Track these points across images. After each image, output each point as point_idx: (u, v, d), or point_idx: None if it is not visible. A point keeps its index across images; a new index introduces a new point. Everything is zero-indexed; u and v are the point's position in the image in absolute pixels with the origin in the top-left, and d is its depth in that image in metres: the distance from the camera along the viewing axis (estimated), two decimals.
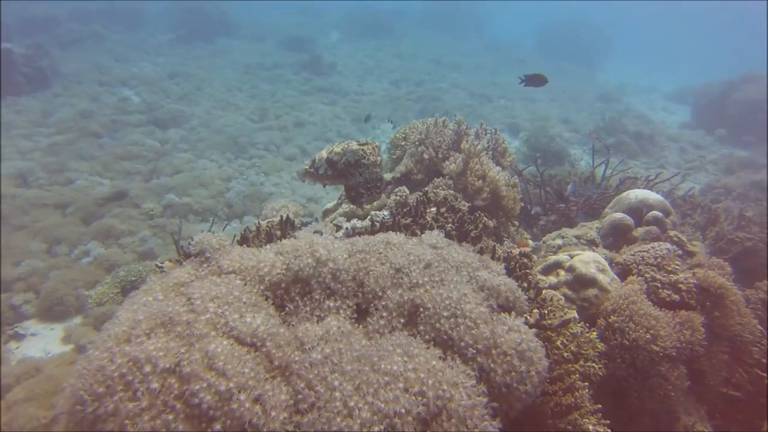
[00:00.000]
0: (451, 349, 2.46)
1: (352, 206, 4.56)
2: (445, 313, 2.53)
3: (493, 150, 4.72)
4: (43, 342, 6.05)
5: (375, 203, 4.42)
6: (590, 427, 2.91)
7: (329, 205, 4.93)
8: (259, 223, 3.88)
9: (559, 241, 4.88)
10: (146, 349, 2.19)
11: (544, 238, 5.11)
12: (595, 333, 3.38)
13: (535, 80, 5.70)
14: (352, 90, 18.48)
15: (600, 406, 3.00)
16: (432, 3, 40.08)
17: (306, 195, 9.69)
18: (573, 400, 3.02)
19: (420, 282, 2.68)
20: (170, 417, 2.02)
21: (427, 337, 2.48)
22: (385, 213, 4.23)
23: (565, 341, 3.25)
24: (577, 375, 3.14)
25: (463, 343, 2.44)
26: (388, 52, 26.36)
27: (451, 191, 3.99)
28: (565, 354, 3.20)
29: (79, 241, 7.62)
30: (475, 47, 32.15)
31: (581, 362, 3.25)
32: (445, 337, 2.48)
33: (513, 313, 2.76)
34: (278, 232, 3.70)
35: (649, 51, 43.11)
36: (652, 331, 3.34)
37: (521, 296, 2.87)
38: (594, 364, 3.27)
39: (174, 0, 24.91)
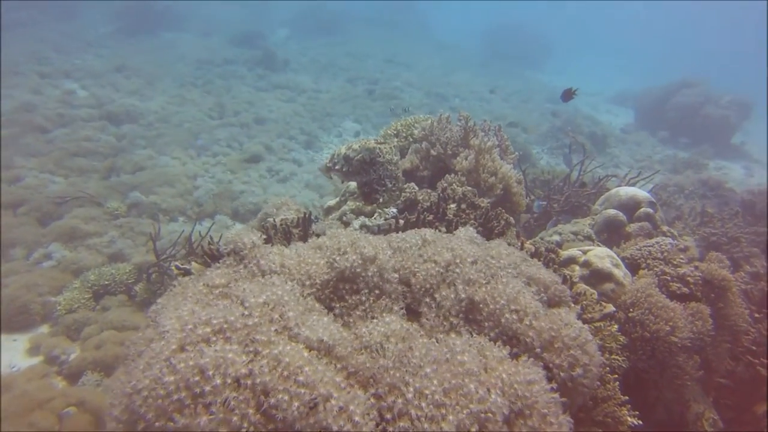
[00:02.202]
0: (517, 345, 2.44)
1: (357, 203, 4.47)
2: (506, 309, 2.50)
3: (498, 147, 4.75)
4: (5, 355, 5.51)
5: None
6: (627, 418, 2.98)
7: (331, 203, 4.80)
8: (274, 221, 3.73)
9: (556, 238, 4.96)
10: (211, 357, 2.02)
11: (541, 234, 5.20)
12: (615, 326, 3.46)
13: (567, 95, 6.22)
14: (309, 87, 18.22)
15: (627, 397, 3.08)
16: (380, 1, 40.31)
17: (278, 193, 9.44)
18: (606, 392, 3.08)
19: (474, 279, 2.64)
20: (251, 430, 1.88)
21: (491, 334, 2.45)
22: (393, 210, 4.17)
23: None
24: (606, 368, 3.21)
25: (528, 339, 2.43)
26: (340, 51, 26.16)
27: (469, 188, 3.97)
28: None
29: (37, 243, 7.07)
30: (425, 47, 32.46)
31: (606, 355, 3.32)
32: (510, 333, 2.45)
33: (563, 307, 2.78)
34: (296, 231, 3.57)
35: (588, 55, 44.95)
36: (671, 323, 3.45)
37: (566, 290, 2.89)
38: (618, 357, 3.35)
39: None
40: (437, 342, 2.36)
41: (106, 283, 6.20)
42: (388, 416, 1.99)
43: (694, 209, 7.97)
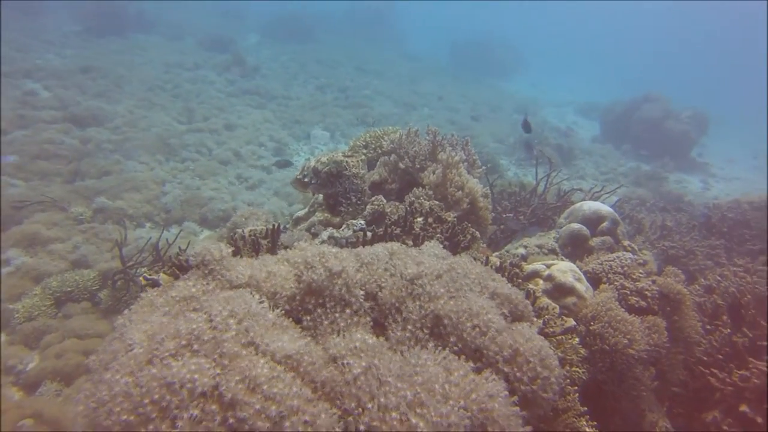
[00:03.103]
0: (480, 359, 2.51)
1: (326, 214, 4.51)
2: (468, 324, 2.57)
3: (466, 161, 4.85)
4: None
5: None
6: (586, 429, 3.08)
7: (300, 213, 4.83)
8: (243, 232, 3.73)
9: (521, 251, 5.08)
10: (178, 371, 2.03)
11: (507, 247, 5.32)
12: (576, 339, 3.57)
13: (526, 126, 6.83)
14: (279, 94, 18.14)
15: (586, 408, 3.19)
16: (351, 10, 40.57)
17: (246, 200, 9.37)
18: (566, 403, 3.18)
19: (439, 293, 2.70)
20: None
21: (455, 348, 2.51)
22: (361, 222, 4.22)
23: (552, 348, 3.41)
24: (567, 380, 3.32)
25: (491, 353, 2.50)
26: (310, 57, 26.16)
27: (436, 202, 4.05)
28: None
29: None
30: (394, 56, 32.79)
31: (567, 367, 3.42)
32: (472, 347, 2.52)
33: (525, 321, 2.86)
34: (265, 242, 3.59)
35: (556, 69, 46.06)
36: (629, 336, 3.58)
37: (529, 305, 2.98)
38: (578, 369, 3.46)
39: None
40: (403, 356, 2.41)
41: (69, 289, 6.07)
42: (353, 429, 2.03)
43: (655, 223, 8.26)
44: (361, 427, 2.03)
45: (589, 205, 5.53)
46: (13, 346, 5.53)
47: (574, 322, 3.45)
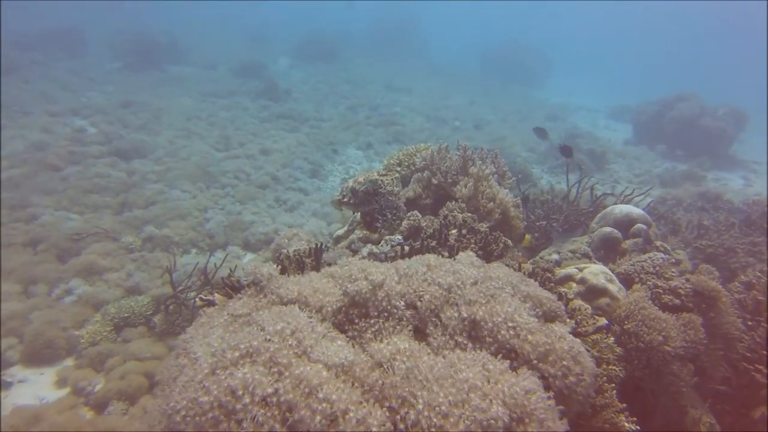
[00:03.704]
0: (515, 358, 2.67)
1: (365, 232, 4.73)
2: (503, 326, 2.74)
3: (496, 173, 5.02)
4: (33, 388, 5.76)
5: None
6: (625, 424, 3.19)
7: (340, 232, 5.07)
8: (288, 252, 3.99)
9: (555, 257, 5.18)
10: (241, 379, 2.27)
11: (541, 254, 5.43)
12: (611, 338, 3.68)
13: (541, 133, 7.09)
14: (311, 116, 18.65)
15: (625, 405, 3.29)
16: (376, 27, 41.27)
17: (286, 222, 9.73)
18: (604, 400, 3.29)
19: (474, 299, 2.87)
20: None
21: (492, 348, 2.68)
22: (399, 237, 4.44)
23: (588, 348, 3.53)
24: (604, 378, 3.42)
25: (525, 352, 2.66)
26: (340, 78, 26.78)
27: (469, 214, 4.23)
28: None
29: (58, 279, 7.35)
30: (422, 71, 33.21)
31: (604, 366, 3.53)
32: (507, 346, 2.68)
33: (557, 322, 3.01)
34: (309, 260, 3.83)
35: (584, 73, 45.69)
36: (663, 333, 3.66)
37: (561, 306, 3.12)
38: (615, 367, 3.56)
39: (119, 26, 24.57)
40: (444, 358, 2.59)
41: (126, 315, 6.46)
42: (402, 426, 2.22)
43: (691, 222, 8.18)
44: (409, 424, 2.22)
45: (621, 209, 5.60)
46: (81, 370, 5.93)
47: (606, 321, 3.57)
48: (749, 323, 4.59)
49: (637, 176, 15.23)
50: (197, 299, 3.62)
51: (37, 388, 5.75)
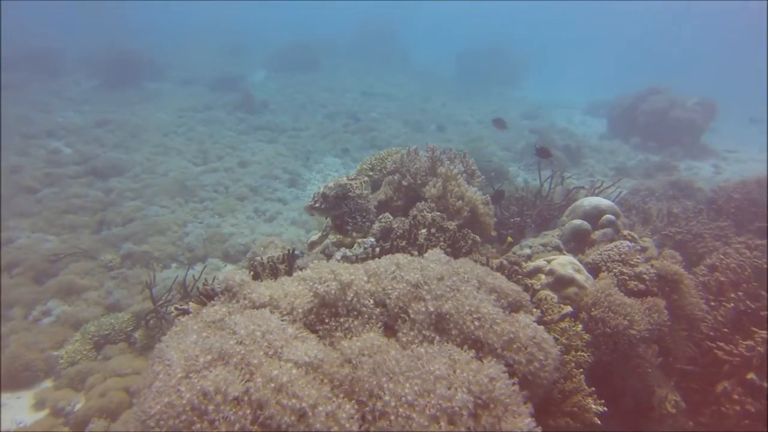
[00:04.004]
0: (482, 348, 2.77)
1: (338, 236, 4.82)
2: (468, 317, 2.84)
3: (465, 172, 5.14)
4: (11, 413, 5.67)
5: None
6: (593, 406, 3.30)
7: (314, 238, 5.15)
8: (262, 259, 4.06)
9: (527, 251, 5.31)
10: (212, 381, 2.34)
11: (513, 249, 5.56)
12: (580, 326, 3.80)
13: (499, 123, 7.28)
14: (289, 126, 18.69)
15: (594, 388, 3.41)
16: (355, 34, 41.51)
17: (265, 232, 9.77)
18: (573, 385, 3.41)
19: (440, 293, 2.97)
20: None
21: (458, 340, 2.78)
22: (371, 239, 4.53)
23: (557, 336, 3.65)
24: (573, 364, 3.55)
25: (490, 341, 2.76)
26: (317, 86, 26.86)
27: (437, 213, 4.34)
28: (559, 347, 3.58)
29: (35, 301, 7.30)
30: (400, 75, 33.42)
31: (572, 352, 3.65)
32: (473, 337, 2.78)
33: (522, 312, 3.12)
34: (282, 266, 3.91)
35: (562, 71, 46.43)
36: (629, 318, 3.80)
37: (526, 297, 3.24)
38: (583, 353, 3.68)
39: (96, 44, 24.43)
40: (412, 352, 2.68)
41: (106, 332, 6.46)
42: (370, 417, 2.31)
43: (661, 211, 8.39)
44: (377, 415, 2.31)
45: (589, 201, 5.76)
46: (60, 390, 5.89)
47: (571, 309, 3.69)
48: (712, 303, 4.76)
49: (612, 169, 15.51)
50: (173, 308, 3.67)
51: (14, 412, 5.69)
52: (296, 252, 4.15)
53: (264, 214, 11.12)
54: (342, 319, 2.92)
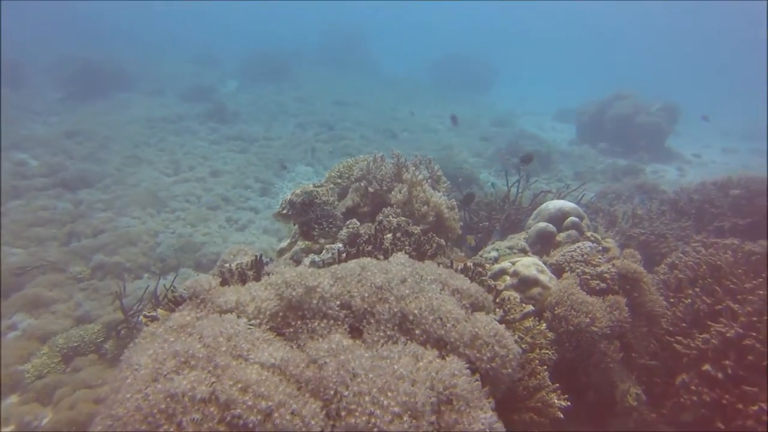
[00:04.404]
0: (444, 347, 2.86)
1: (307, 242, 4.87)
2: (431, 317, 2.93)
3: (430, 178, 5.25)
4: None
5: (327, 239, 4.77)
6: (556, 401, 3.41)
7: (283, 245, 5.19)
8: (230, 266, 4.09)
9: (494, 254, 5.44)
10: (179, 384, 2.38)
11: (480, 252, 5.69)
12: (544, 325, 3.92)
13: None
14: (261, 136, 18.63)
15: (558, 384, 3.53)
16: (324, 41, 41.68)
17: (237, 241, 9.74)
18: (537, 381, 3.51)
19: (403, 294, 3.06)
20: None
21: (421, 339, 2.86)
22: (339, 245, 4.59)
23: (521, 335, 3.76)
24: (537, 361, 3.66)
25: (452, 340, 2.85)
26: (289, 96, 26.85)
27: (403, 218, 4.43)
28: (523, 345, 3.69)
29: (1, 316, 7.17)
30: (372, 84, 33.59)
31: (537, 350, 3.77)
32: (436, 336, 2.87)
33: (484, 311, 3.22)
34: (251, 272, 3.95)
35: (533, 78, 47.41)
36: (590, 316, 3.93)
37: (488, 297, 3.35)
38: (547, 351, 3.80)
39: (59, 56, 23.98)
40: (376, 352, 2.76)
41: (75, 344, 6.36)
42: (334, 414, 2.37)
43: (627, 213, 8.65)
44: (342, 413, 2.37)
45: (554, 204, 5.92)
46: (26, 405, 5.75)
47: (532, 308, 3.81)
48: (672, 300, 4.95)
49: (581, 174, 15.87)
50: (142, 317, 3.67)
51: None
52: (265, 259, 4.20)
53: (236, 223, 11.09)
54: (308, 322, 2.97)
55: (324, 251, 4.49)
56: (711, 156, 20.10)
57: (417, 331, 2.88)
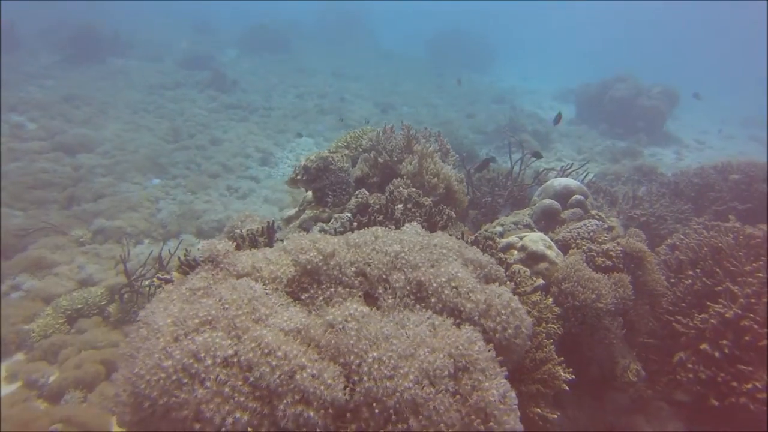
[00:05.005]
0: (459, 316, 2.91)
1: (315, 211, 4.89)
2: (447, 286, 2.96)
3: (439, 151, 5.26)
4: None
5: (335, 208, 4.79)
6: (562, 374, 3.50)
7: (291, 213, 5.20)
8: (241, 231, 4.11)
9: (499, 228, 5.49)
10: (201, 344, 2.41)
11: (485, 227, 5.73)
12: (550, 299, 3.99)
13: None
14: (260, 105, 18.47)
15: (563, 358, 3.61)
16: (323, 14, 40.98)
17: (238, 209, 9.75)
18: (544, 354, 3.59)
19: (418, 263, 3.09)
20: (241, 398, 2.27)
21: (437, 308, 2.91)
22: (348, 215, 4.61)
23: (529, 308, 3.83)
24: (544, 334, 3.73)
25: (467, 309, 2.90)
26: (288, 67, 26.55)
27: (413, 189, 4.45)
28: (531, 318, 3.76)
29: (3, 276, 7.17)
30: (370, 57, 33.29)
31: (543, 325, 3.84)
32: (450, 305, 2.91)
33: (497, 283, 3.27)
34: (261, 239, 3.97)
35: (528, 57, 46.88)
36: (596, 292, 4.00)
37: (500, 269, 3.39)
38: (554, 325, 3.87)
39: (53, 19, 23.42)
40: (394, 319, 2.80)
41: (79, 306, 6.40)
42: (355, 378, 2.42)
43: (627, 194, 8.71)
44: (363, 377, 2.41)
45: (559, 182, 5.96)
46: (33, 363, 5.84)
47: (543, 281, 3.87)
48: (672, 280, 5.03)
49: (580, 154, 15.89)
50: (155, 278, 3.69)
51: None
52: (275, 225, 4.21)
53: (237, 192, 11.07)
54: (324, 288, 3.00)
55: (333, 220, 4.51)
56: (709, 142, 20.14)
57: (432, 300, 2.92)
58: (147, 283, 6.43)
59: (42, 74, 19.31)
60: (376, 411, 2.29)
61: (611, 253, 4.50)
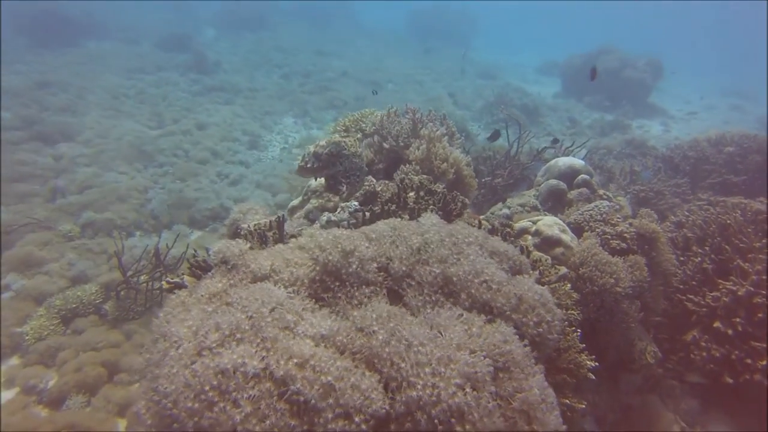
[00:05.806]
0: (490, 311, 2.81)
1: (320, 200, 4.72)
2: (476, 281, 2.85)
3: (446, 134, 5.11)
4: None
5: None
6: (587, 362, 3.44)
7: (294, 202, 5.04)
8: (248, 226, 3.94)
9: (506, 211, 5.39)
10: (229, 358, 2.27)
11: (491, 209, 5.63)
12: (568, 285, 3.92)
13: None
14: (245, 87, 18.01)
15: (584, 345, 3.55)
16: None
17: (230, 196, 9.51)
18: (567, 342, 3.53)
19: (444, 257, 2.97)
20: (278, 416, 2.14)
21: (466, 304, 2.80)
22: (355, 203, 4.46)
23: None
24: (566, 322, 3.66)
25: (498, 305, 2.80)
26: (269, 46, 25.90)
27: (424, 176, 4.31)
28: (560, 311, 3.68)
29: None
30: (351, 34, 32.66)
31: (563, 311, 3.77)
32: (481, 300, 2.81)
33: (524, 274, 3.18)
34: (270, 234, 3.81)
35: (511, 30, 46.56)
36: (615, 276, 3.94)
37: (525, 259, 3.29)
38: (573, 311, 3.81)
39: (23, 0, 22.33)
40: (425, 318, 2.69)
41: (74, 305, 6.18)
42: (393, 385, 2.31)
43: (624, 169, 8.68)
44: (402, 384, 2.30)
45: (564, 161, 5.87)
46: (30, 367, 5.61)
47: (566, 270, 3.79)
48: (681, 259, 5.00)
49: (569, 128, 15.85)
50: (164, 282, 3.51)
51: None
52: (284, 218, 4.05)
53: (227, 178, 10.80)
54: (347, 287, 2.87)
55: (339, 209, 4.36)
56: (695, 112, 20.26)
57: (462, 296, 2.81)
58: (144, 278, 6.24)
59: (11, 59, 18.50)
60: (421, 421, 2.19)
61: (626, 234, 4.44)
